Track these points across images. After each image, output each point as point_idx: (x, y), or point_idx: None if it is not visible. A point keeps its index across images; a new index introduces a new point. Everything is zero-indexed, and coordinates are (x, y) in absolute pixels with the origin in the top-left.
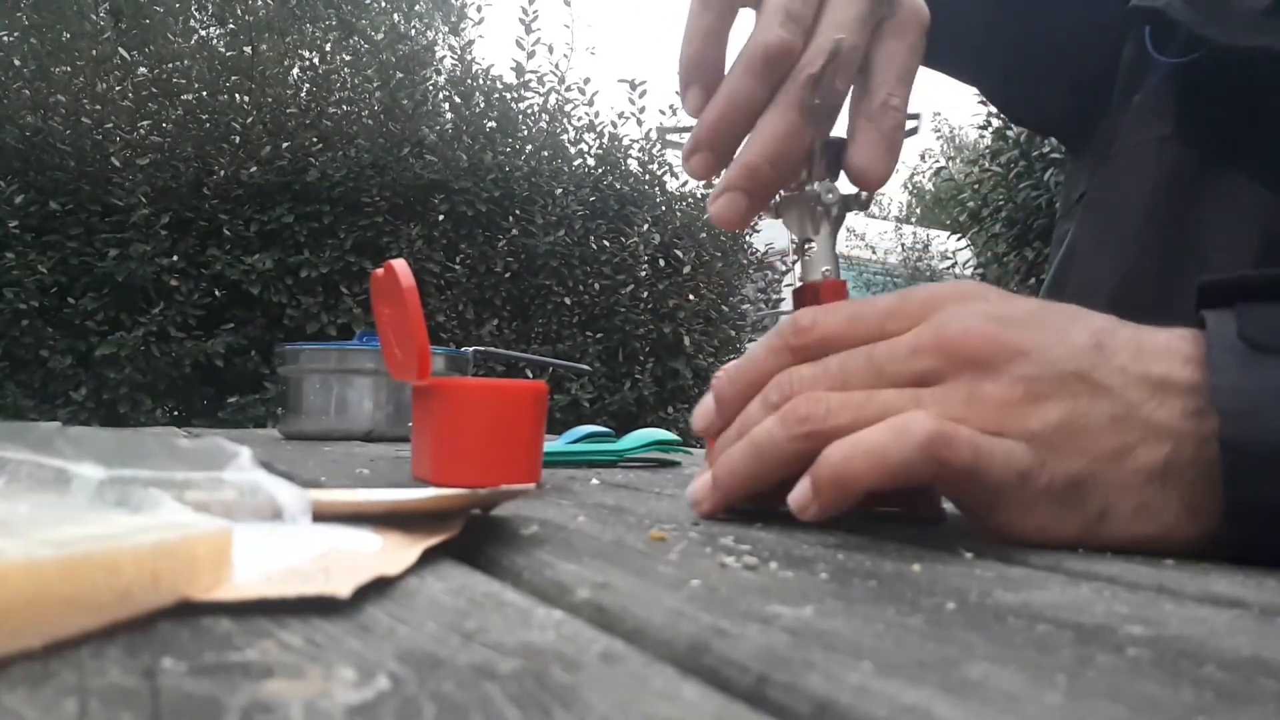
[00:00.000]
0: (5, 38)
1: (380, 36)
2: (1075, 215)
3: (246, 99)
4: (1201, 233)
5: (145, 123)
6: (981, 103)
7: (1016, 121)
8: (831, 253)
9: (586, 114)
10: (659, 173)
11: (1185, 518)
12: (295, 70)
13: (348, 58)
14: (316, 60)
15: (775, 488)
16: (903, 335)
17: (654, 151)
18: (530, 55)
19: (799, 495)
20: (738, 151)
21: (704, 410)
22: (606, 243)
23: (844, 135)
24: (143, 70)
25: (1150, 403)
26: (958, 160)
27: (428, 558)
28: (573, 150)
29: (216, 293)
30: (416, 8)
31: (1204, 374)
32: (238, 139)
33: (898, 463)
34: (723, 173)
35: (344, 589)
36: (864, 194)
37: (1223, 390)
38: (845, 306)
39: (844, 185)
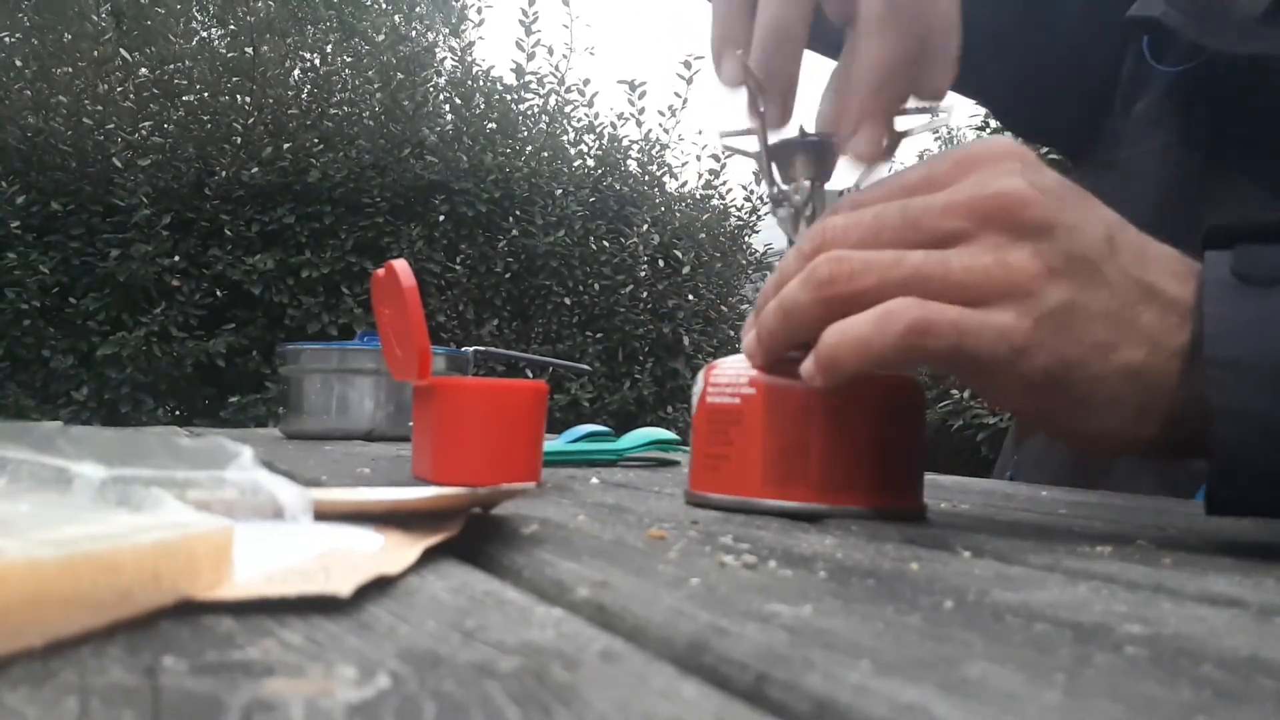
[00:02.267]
0: (7, 39)
1: (381, 38)
2: None
3: (248, 100)
4: None
5: (147, 123)
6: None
7: (1020, 134)
8: None
9: (586, 115)
10: (658, 173)
11: (1139, 418)
12: (296, 71)
13: (349, 59)
14: (317, 61)
15: (781, 479)
16: (938, 192)
17: (653, 153)
18: (530, 57)
19: (806, 368)
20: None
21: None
22: (606, 243)
23: (832, 135)
24: (144, 71)
25: (1139, 306)
26: None
27: (428, 556)
28: (572, 151)
29: (218, 293)
30: (417, 9)
31: (1184, 289)
32: (239, 140)
33: (880, 350)
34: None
35: (345, 588)
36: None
37: (1211, 318)
38: (887, 180)
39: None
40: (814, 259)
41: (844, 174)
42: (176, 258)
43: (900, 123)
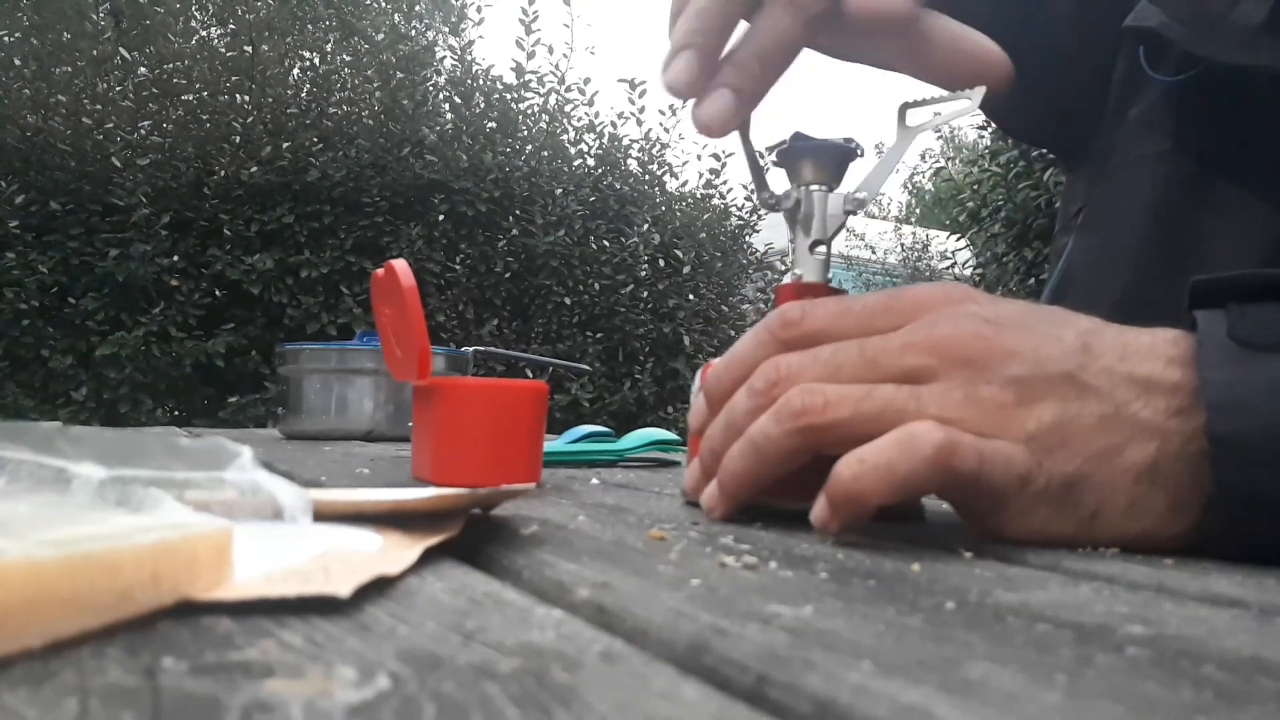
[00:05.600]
0: (6, 38)
1: (380, 37)
2: (1073, 230)
3: (247, 99)
4: (1201, 248)
5: (146, 123)
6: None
7: (1014, 135)
8: (808, 258)
9: (586, 114)
10: (659, 173)
11: (1171, 514)
12: (296, 70)
13: (348, 58)
14: (317, 60)
15: (781, 484)
16: (894, 331)
17: (653, 152)
18: (530, 56)
19: (819, 514)
20: (728, 52)
21: (697, 411)
22: (606, 243)
23: (844, 140)
24: (143, 70)
25: (1136, 402)
26: (957, 160)
27: (428, 557)
28: (573, 150)
29: (217, 293)
30: (416, 8)
31: (1187, 373)
32: (238, 139)
33: (907, 476)
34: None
35: (344, 589)
36: (859, 196)
37: (1212, 385)
38: (833, 301)
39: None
40: (772, 394)
41: (852, 178)
42: (175, 257)
43: (911, 117)
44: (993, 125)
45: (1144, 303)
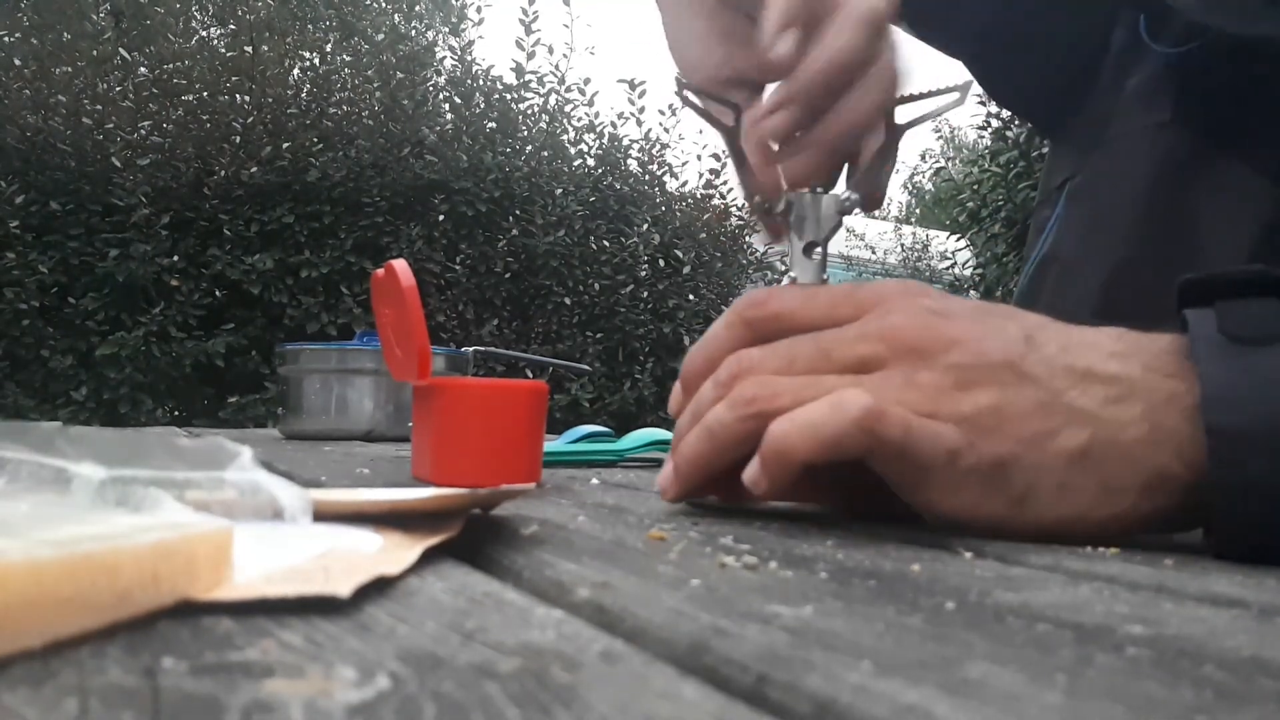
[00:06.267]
0: (6, 38)
1: (381, 37)
2: (1055, 201)
3: (247, 99)
4: (1198, 220)
5: (146, 123)
6: (981, 102)
7: (998, 100)
8: (803, 260)
9: (586, 114)
10: (659, 173)
11: (1103, 499)
12: (296, 71)
13: (348, 58)
14: (317, 61)
15: (734, 479)
16: (849, 323)
17: (653, 152)
18: (530, 56)
19: (750, 472)
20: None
21: (675, 395)
22: (606, 243)
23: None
24: (143, 70)
25: (1073, 391)
26: (957, 160)
27: (428, 557)
28: (573, 150)
29: (217, 293)
30: (417, 8)
31: (1126, 366)
32: (238, 139)
33: (832, 436)
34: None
35: (344, 589)
36: (851, 197)
37: (1208, 379)
38: (798, 289)
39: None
40: (733, 385)
41: (846, 181)
42: (175, 257)
43: (901, 114)
44: (992, 126)
45: (1140, 273)
